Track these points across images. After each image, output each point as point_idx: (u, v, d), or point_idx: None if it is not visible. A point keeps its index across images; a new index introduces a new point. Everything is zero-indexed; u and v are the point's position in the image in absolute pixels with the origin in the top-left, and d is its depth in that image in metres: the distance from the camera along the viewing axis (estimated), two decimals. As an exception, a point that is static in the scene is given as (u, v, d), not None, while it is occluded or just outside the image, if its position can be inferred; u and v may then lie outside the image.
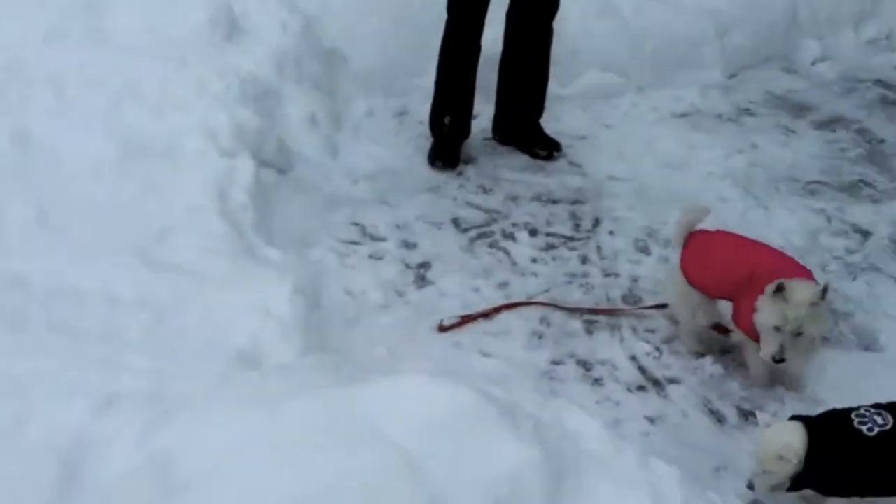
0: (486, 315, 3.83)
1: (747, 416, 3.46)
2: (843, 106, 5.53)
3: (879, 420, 2.65)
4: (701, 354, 3.69)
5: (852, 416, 2.70)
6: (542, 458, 2.58)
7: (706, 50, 5.65)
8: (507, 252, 4.24)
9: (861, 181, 4.86)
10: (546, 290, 4.02)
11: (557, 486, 2.61)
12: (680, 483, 2.79)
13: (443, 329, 3.74)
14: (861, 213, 4.60)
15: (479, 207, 4.53)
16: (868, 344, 3.82)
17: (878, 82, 5.82)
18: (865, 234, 4.45)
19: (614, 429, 3.29)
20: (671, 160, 4.94)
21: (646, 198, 4.66)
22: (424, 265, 4.12)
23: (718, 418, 3.47)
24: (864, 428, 2.65)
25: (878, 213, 4.60)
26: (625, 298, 4.02)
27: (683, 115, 5.36)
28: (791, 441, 2.75)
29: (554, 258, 4.23)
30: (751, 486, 2.91)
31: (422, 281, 4.03)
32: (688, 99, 5.46)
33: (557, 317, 3.88)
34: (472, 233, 4.36)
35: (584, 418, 2.94)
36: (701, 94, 5.52)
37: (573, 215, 4.52)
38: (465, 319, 3.78)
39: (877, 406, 2.74)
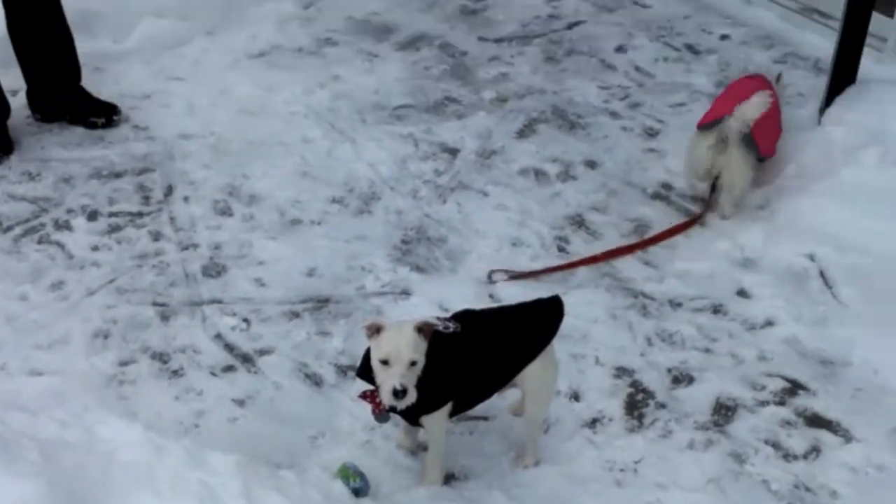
0: (536, 273, 3.64)
1: (345, 371, 3.21)
2: (425, 22, 5.38)
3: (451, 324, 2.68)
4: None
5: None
6: (47, 491, 2.31)
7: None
8: (61, 245, 3.68)
9: (446, 98, 4.73)
10: (111, 281, 3.52)
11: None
12: (237, 473, 2.54)
13: (492, 282, 3.62)
14: (448, 131, 4.47)
15: (24, 199, 3.92)
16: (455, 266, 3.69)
17: (457, -7, 5.73)
18: (453, 153, 4.33)
19: (195, 422, 3.01)
20: (248, 106, 4.55)
21: (223, 152, 4.25)
22: (-45, 283, 3.47)
23: (315, 381, 3.19)
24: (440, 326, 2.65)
25: (463, 128, 4.49)
26: (205, 270, 3.61)
27: (261, 55, 4.97)
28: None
29: (119, 241, 3.72)
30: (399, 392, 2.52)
31: (-48, 303, 3.39)
32: (264, 36, 5.07)
33: (126, 309, 3.41)
34: (17, 230, 3.75)
35: (120, 428, 2.66)
36: (278, 29, 5.15)
37: (141, 187, 4.02)
38: (517, 274, 3.63)
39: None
